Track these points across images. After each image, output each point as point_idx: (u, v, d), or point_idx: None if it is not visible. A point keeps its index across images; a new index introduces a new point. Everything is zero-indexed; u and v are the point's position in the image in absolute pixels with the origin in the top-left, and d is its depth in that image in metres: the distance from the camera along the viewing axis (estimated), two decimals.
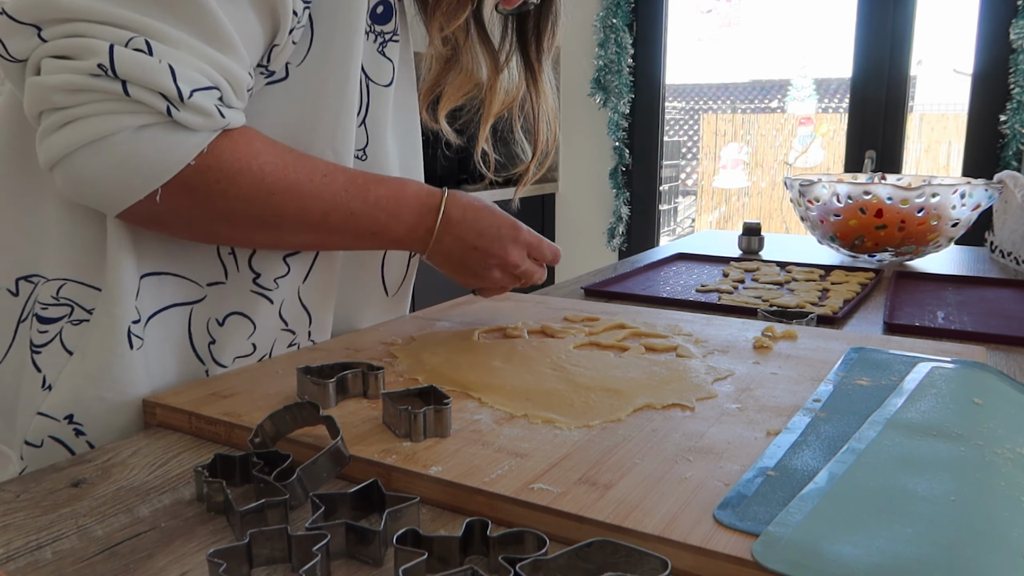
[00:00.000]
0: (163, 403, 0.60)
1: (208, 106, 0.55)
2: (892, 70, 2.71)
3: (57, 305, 0.63)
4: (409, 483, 0.48)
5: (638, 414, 0.57)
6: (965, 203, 1.25)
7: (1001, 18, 2.47)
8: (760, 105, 6.03)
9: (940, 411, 0.56)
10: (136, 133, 0.54)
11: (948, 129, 5.13)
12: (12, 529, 0.44)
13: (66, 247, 0.63)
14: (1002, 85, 2.48)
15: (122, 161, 0.54)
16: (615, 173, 3.23)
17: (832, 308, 0.96)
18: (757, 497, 0.44)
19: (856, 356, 0.70)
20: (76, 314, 0.63)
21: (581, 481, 0.46)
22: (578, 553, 0.38)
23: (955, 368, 0.66)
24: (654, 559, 0.37)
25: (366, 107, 0.73)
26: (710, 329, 0.81)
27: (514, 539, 0.39)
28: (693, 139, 6.13)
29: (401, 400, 0.55)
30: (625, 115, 3.16)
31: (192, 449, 0.56)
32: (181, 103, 0.54)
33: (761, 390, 0.63)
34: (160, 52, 0.53)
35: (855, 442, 0.51)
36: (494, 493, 0.45)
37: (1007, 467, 0.48)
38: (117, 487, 0.49)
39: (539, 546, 0.39)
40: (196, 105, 0.54)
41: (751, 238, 1.48)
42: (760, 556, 0.38)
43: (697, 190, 6.07)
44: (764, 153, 5.78)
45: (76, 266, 0.63)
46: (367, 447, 0.51)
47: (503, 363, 0.68)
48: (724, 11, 5.10)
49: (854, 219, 1.29)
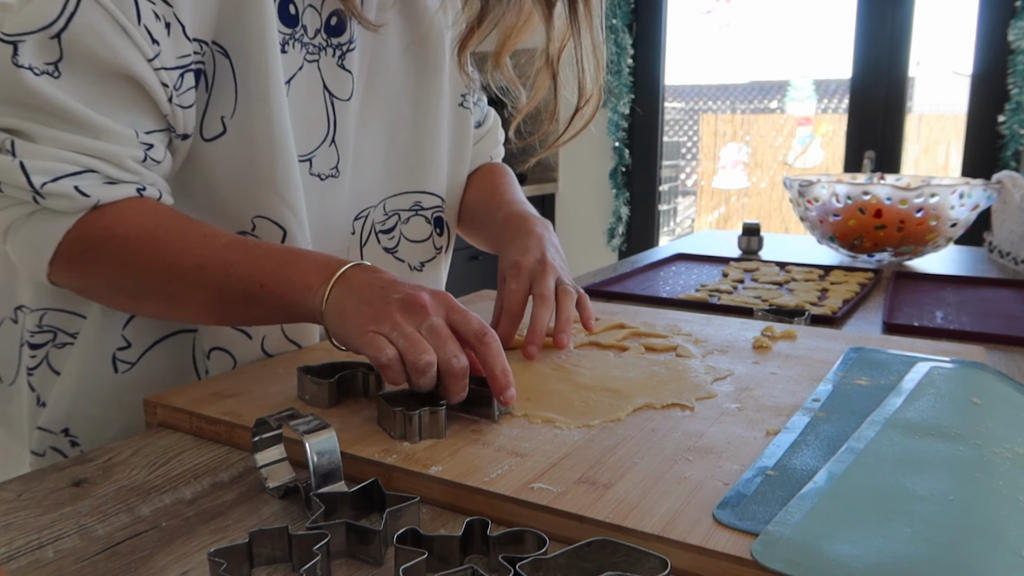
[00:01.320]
0: (164, 403, 0.60)
1: (67, 191, 0.59)
2: (891, 71, 2.71)
3: (41, 332, 0.70)
4: (409, 483, 0.48)
5: (638, 414, 0.57)
6: (964, 203, 1.25)
7: (1000, 19, 2.47)
8: (759, 106, 6.03)
9: (939, 411, 0.57)
10: (27, 220, 0.61)
11: (947, 130, 5.13)
12: (14, 528, 0.44)
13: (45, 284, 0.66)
14: (1001, 86, 2.49)
15: (23, 245, 0.62)
16: (615, 173, 3.23)
17: (831, 308, 0.96)
18: (756, 496, 0.44)
19: (855, 356, 0.70)
20: (59, 338, 0.70)
21: (581, 481, 0.46)
22: (578, 552, 0.38)
23: (954, 368, 0.66)
24: (654, 558, 0.37)
25: (333, 125, 0.73)
26: (710, 329, 0.81)
27: (514, 538, 0.40)
28: (693, 139, 6.13)
29: (396, 401, 0.55)
30: (625, 115, 3.17)
31: (192, 449, 0.56)
32: (40, 195, 0.58)
33: (760, 390, 0.63)
34: (21, 150, 0.58)
35: (854, 442, 0.51)
36: (494, 493, 0.45)
37: (1006, 467, 0.48)
38: (118, 486, 0.50)
39: (539, 545, 0.39)
40: (54, 192, 0.58)
41: (750, 238, 1.48)
42: (759, 555, 0.38)
43: (697, 190, 6.07)
44: (763, 153, 5.78)
45: (55, 296, 0.69)
46: (367, 447, 0.51)
47: None
48: (724, 11, 5.09)
49: (853, 219, 1.29)
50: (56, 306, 0.69)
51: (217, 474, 0.52)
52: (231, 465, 0.53)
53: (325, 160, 0.74)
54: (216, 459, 0.54)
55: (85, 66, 0.59)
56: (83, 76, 0.59)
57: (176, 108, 0.63)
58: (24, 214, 0.60)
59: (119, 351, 0.68)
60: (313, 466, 0.44)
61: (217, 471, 0.52)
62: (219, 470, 0.52)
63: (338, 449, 0.45)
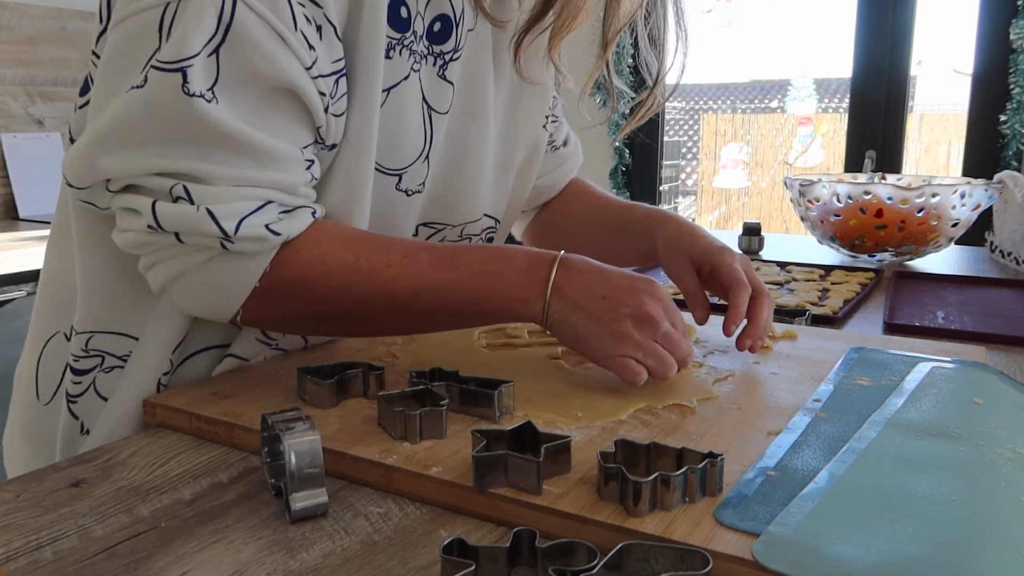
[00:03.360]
0: (163, 403, 0.60)
1: (258, 232, 0.56)
2: (892, 70, 2.71)
3: (87, 357, 0.66)
4: (410, 483, 0.48)
5: (638, 414, 0.57)
6: (965, 203, 1.25)
7: (1001, 18, 2.47)
8: (760, 105, 6.03)
9: (940, 411, 0.56)
10: (205, 266, 0.57)
11: (948, 129, 5.14)
12: (12, 529, 0.44)
13: (93, 303, 0.65)
14: (1002, 85, 2.48)
15: (202, 291, 0.58)
16: (615, 173, 3.23)
17: (832, 308, 0.96)
18: (757, 497, 0.44)
19: (856, 356, 0.70)
20: (107, 362, 0.66)
21: (582, 481, 0.46)
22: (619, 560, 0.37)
23: (955, 368, 0.66)
24: (696, 556, 0.37)
25: (429, 140, 0.69)
26: (710, 329, 0.81)
27: (563, 550, 0.38)
28: (693, 139, 6.13)
29: (396, 402, 0.55)
30: (625, 115, 3.16)
31: (192, 449, 0.56)
32: (230, 239, 0.55)
33: (761, 390, 0.63)
34: (199, 196, 0.54)
35: (855, 442, 0.51)
36: (495, 494, 0.45)
37: (1007, 467, 0.48)
38: (117, 487, 0.49)
39: (590, 558, 0.37)
40: (246, 235, 0.55)
41: (751, 238, 1.48)
42: (760, 556, 0.38)
43: (697, 190, 6.07)
44: (764, 153, 5.78)
45: (105, 320, 0.65)
46: (367, 447, 0.51)
47: (503, 363, 0.68)
48: (724, 11, 5.09)
49: (854, 219, 1.29)
50: (106, 329, 0.65)
51: (216, 474, 0.51)
52: (230, 465, 0.53)
53: (415, 176, 0.69)
54: (215, 459, 0.54)
55: (245, 83, 0.54)
56: (243, 95, 0.55)
57: (330, 117, 0.59)
58: (200, 261, 0.56)
59: (163, 375, 0.65)
60: (291, 469, 0.44)
61: (216, 471, 0.52)
62: (218, 470, 0.52)
63: (320, 453, 0.45)
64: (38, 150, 2.17)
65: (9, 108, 2.12)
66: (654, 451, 0.47)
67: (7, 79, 2.11)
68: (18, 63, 2.13)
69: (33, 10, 2.15)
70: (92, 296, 0.65)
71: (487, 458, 0.45)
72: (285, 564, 0.41)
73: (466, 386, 0.57)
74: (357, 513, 0.46)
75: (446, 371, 0.59)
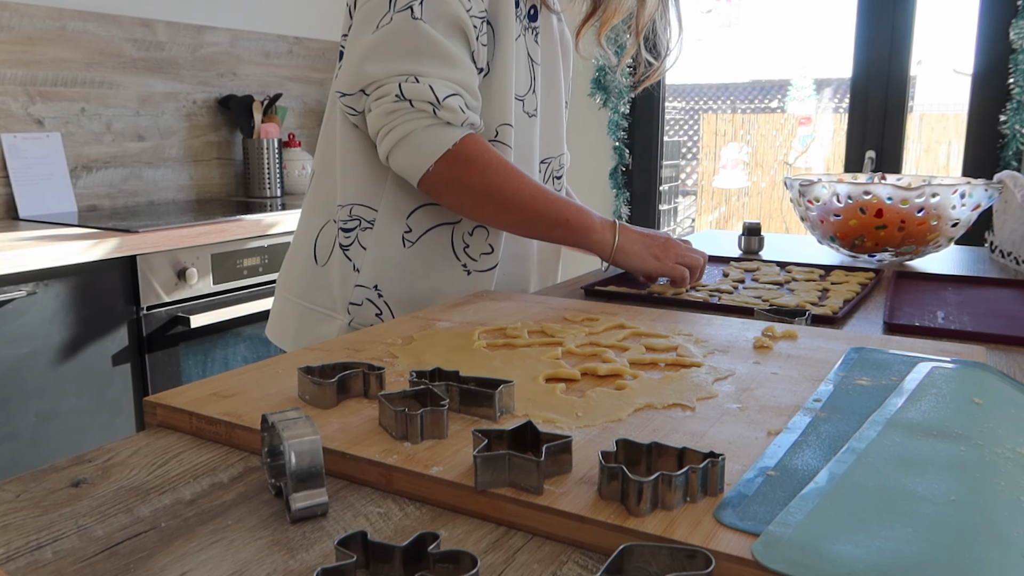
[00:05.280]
0: (163, 403, 0.60)
1: (456, 106, 0.93)
2: (892, 70, 2.71)
3: (351, 220, 1.03)
4: (410, 483, 0.48)
5: (638, 414, 0.57)
6: (965, 203, 1.25)
7: (1001, 18, 2.47)
8: (760, 105, 6.03)
9: (940, 411, 0.56)
10: (424, 131, 0.93)
11: (948, 129, 5.13)
12: (12, 529, 0.44)
13: (349, 182, 1.03)
14: (1002, 85, 2.48)
15: (416, 148, 0.94)
16: (615, 173, 3.23)
17: (832, 308, 0.96)
18: (757, 497, 0.44)
19: (856, 356, 0.70)
20: (363, 224, 1.03)
21: (582, 481, 0.46)
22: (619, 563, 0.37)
23: (955, 368, 0.66)
24: (699, 556, 0.37)
25: (534, 78, 1.08)
26: (710, 329, 0.81)
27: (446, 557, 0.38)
28: (693, 139, 6.13)
29: (397, 402, 0.55)
30: (625, 115, 3.16)
31: (192, 449, 0.56)
32: (439, 106, 0.92)
33: (761, 390, 0.63)
34: (423, 79, 0.92)
35: (855, 442, 0.51)
36: (496, 493, 0.45)
37: (1007, 467, 0.48)
38: (117, 487, 0.49)
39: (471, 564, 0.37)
40: (449, 105, 0.93)
41: (751, 238, 1.48)
42: (760, 556, 0.38)
43: (697, 190, 6.07)
44: (764, 153, 5.78)
45: (357, 194, 1.03)
46: (368, 447, 0.51)
47: (503, 363, 0.68)
48: (724, 11, 5.09)
49: (854, 219, 1.29)
50: (359, 201, 1.03)
51: (216, 474, 0.51)
52: (230, 465, 0.53)
53: (530, 103, 1.08)
54: (215, 459, 0.54)
55: (440, 18, 0.93)
56: (439, 25, 0.93)
57: (479, 46, 0.97)
58: (423, 125, 0.93)
59: (405, 234, 1.02)
60: (291, 469, 0.44)
61: (216, 471, 0.52)
62: (218, 470, 0.52)
63: (320, 453, 0.45)
64: (38, 150, 2.17)
65: (9, 108, 2.12)
66: (655, 451, 0.47)
67: (7, 79, 2.11)
68: (18, 63, 2.13)
69: (33, 10, 2.15)
70: (348, 178, 1.02)
71: (488, 458, 0.45)
72: (285, 564, 0.41)
73: (466, 386, 0.57)
74: (357, 513, 0.46)
75: (446, 371, 0.59)
